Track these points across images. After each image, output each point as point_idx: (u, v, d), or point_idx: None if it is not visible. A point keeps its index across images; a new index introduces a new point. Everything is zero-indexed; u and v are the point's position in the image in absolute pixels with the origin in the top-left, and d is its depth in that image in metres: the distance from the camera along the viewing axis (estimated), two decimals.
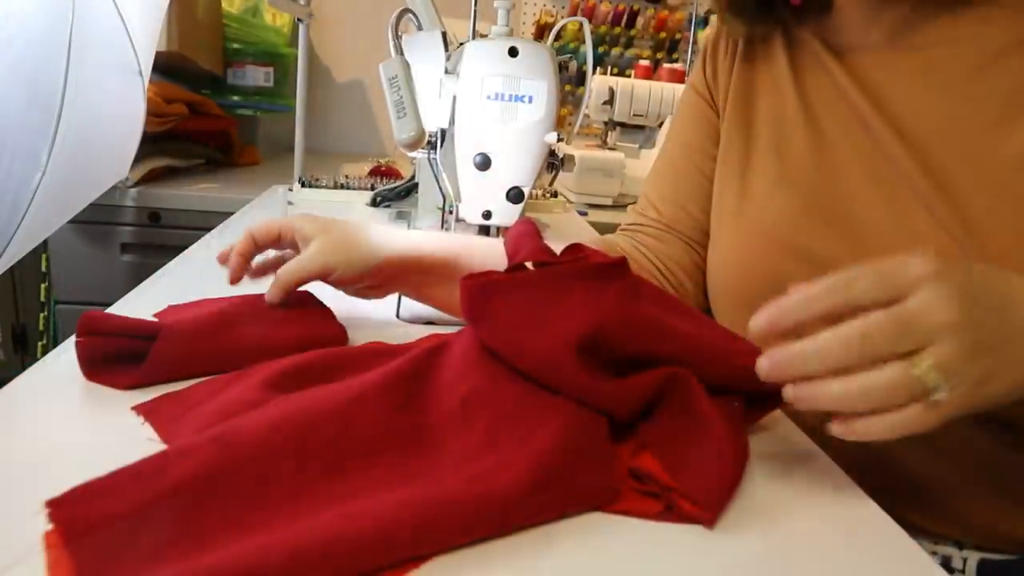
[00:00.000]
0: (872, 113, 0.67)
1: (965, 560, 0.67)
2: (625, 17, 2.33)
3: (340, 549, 0.37)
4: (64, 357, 0.59)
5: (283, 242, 0.72)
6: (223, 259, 0.72)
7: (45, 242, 1.57)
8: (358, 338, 0.68)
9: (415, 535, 0.39)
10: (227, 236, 1.10)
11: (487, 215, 0.88)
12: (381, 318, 0.78)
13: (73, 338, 0.58)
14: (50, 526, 0.38)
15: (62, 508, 0.39)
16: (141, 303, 0.73)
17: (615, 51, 2.35)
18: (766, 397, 0.52)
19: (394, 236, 0.70)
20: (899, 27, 0.67)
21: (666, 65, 2.22)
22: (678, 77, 1.94)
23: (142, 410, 0.53)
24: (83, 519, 0.38)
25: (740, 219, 0.76)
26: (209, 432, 0.45)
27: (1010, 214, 0.59)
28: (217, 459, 0.42)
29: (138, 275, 1.18)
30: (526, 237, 0.61)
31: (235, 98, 2.06)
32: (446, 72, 0.94)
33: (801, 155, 0.72)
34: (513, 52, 0.86)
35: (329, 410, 0.48)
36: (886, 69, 0.68)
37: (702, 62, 0.86)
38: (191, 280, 0.87)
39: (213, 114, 1.94)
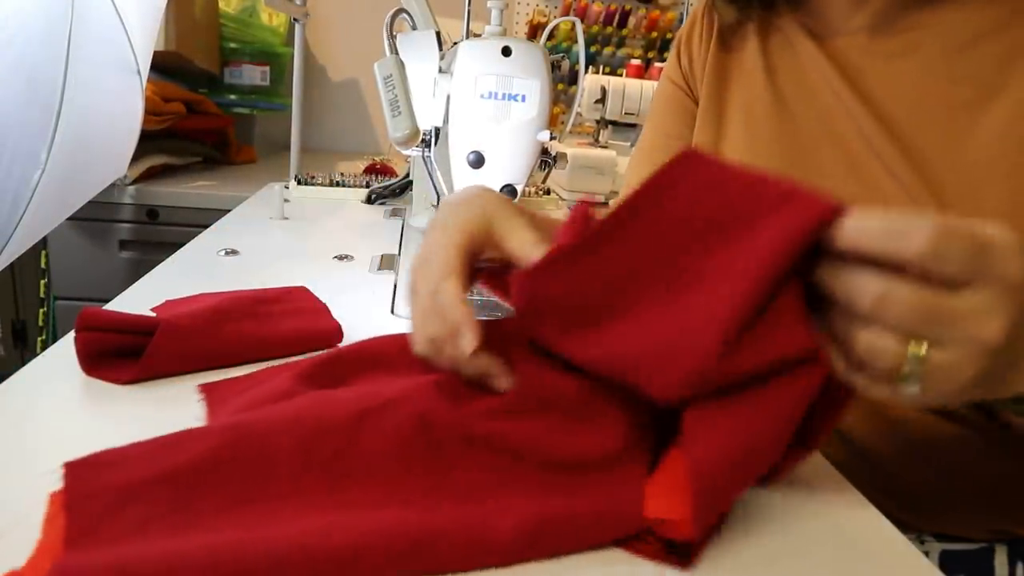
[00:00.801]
0: (848, 94, 0.68)
1: (927, 553, 0.67)
2: (617, 17, 2.34)
3: (313, 561, 0.37)
4: (63, 352, 0.60)
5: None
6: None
7: (44, 239, 1.58)
8: (353, 334, 0.69)
9: (387, 560, 0.38)
10: (224, 233, 1.11)
11: None
12: (376, 314, 0.80)
13: (72, 334, 0.59)
14: (60, 485, 0.40)
15: (73, 471, 0.41)
16: (139, 299, 0.74)
17: (607, 50, 2.36)
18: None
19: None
20: (882, 14, 0.68)
21: (657, 64, 2.23)
22: None
23: (205, 388, 0.56)
24: (87, 485, 0.40)
25: None
26: (229, 420, 0.47)
27: (984, 192, 0.60)
28: (225, 447, 0.43)
29: (136, 271, 1.19)
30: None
31: (232, 97, 2.06)
32: (440, 71, 0.95)
33: (771, 136, 0.73)
34: (506, 51, 0.87)
35: (343, 417, 0.47)
36: (864, 52, 0.69)
37: (676, 53, 0.86)
38: (188, 276, 0.88)
39: (210, 113, 1.95)
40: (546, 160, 0.96)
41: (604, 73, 2.17)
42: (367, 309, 0.79)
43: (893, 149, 0.64)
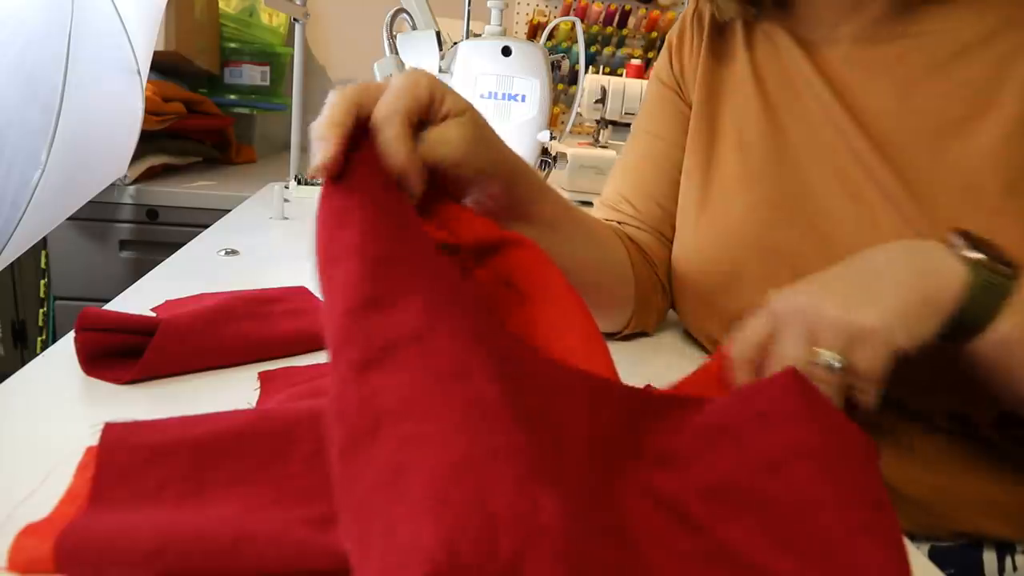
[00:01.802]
0: (838, 108, 0.67)
1: (917, 548, 0.67)
2: (617, 17, 2.34)
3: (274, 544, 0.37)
4: (63, 352, 0.60)
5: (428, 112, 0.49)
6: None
7: (44, 239, 1.58)
8: None
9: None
10: (224, 233, 1.11)
11: None
12: None
13: (72, 334, 0.59)
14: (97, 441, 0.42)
15: (110, 429, 0.43)
16: (139, 299, 0.74)
17: (607, 50, 2.36)
18: None
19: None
20: (871, 22, 0.67)
21: None
22: None
23: (263, 376, 0.59)
24: (120, 442, 0.43)
25: (703, 215, 0.75)
26: (265, 407, 0.48)
27: (977, 210, 0.58)
28: (249, 425, 0.45)
29: (136, 271, 1.20)
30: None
31: (232, 97, 2.07)
32: (440, 71, 0.95)
33: (763, 152, 0.71)
34: (506, 51, 0.88)
35: None
36: (853, 63, 0.68)
37: (668, 56, 0.84)
38: (188, 276, 0.88)
39: (210, 113, 1.95)
40: (546, 160, 0.96)
41: (604, 73, 2.17)
42: None
43: (883, 167, 0.63)
